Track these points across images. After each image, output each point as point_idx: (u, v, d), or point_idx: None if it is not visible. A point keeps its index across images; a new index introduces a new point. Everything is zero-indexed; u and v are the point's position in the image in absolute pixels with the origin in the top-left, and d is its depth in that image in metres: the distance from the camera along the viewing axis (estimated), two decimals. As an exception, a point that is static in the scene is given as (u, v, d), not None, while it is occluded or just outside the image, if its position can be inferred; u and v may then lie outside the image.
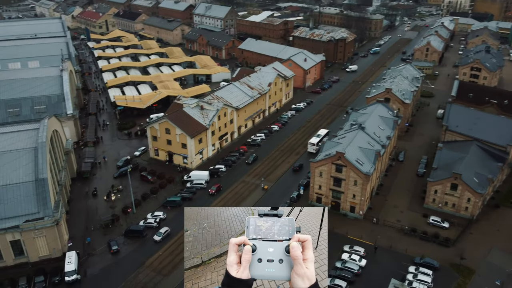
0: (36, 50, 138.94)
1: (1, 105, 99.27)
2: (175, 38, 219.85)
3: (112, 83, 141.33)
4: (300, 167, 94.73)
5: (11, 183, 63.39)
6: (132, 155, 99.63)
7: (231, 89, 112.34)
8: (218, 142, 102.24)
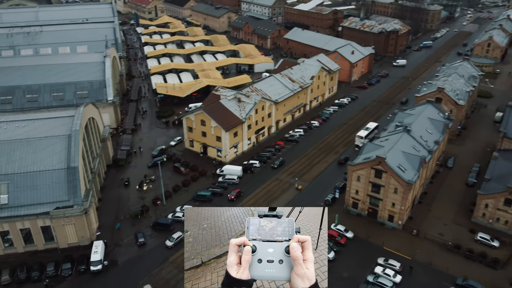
0: (85, 35, 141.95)
1: (46, 89, 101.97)
2: (221, 25, 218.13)
3: (155, 70, 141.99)
4: (346, 160, 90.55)
5: (45, 170, 64.20)
6: (167, 145, 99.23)
7: (271, 82, 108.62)
8: (254, 136, 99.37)
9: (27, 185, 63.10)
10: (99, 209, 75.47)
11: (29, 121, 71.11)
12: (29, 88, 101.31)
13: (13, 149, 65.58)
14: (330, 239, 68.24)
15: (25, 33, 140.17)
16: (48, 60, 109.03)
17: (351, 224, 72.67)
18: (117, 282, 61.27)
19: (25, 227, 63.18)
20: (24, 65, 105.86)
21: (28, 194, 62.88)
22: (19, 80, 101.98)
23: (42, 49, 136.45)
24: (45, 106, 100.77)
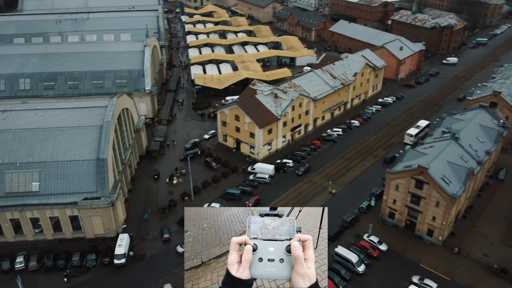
0: (130, 22, 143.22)
1: (87, 76, 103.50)
2: (266, 15, 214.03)
3: (195, 60, 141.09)
4: (392, 159, 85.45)
5: (75, 160, 64.45)
6: (201, 138, 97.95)
7: (311, 77, 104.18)
8: (290, 134, 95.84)
9: (57, 174, 63.66)
10: (128, 201, 75.50)
11: (64, 110, 71.76)
12: (71, 75, 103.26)
13: (47, 137, 66.33)
14: (361, 251, 64.11)
15: (73, 19, 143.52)
16: (90, 48, 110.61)
17: (386, 235, 67.96)
18: (139, 278, 60.71)
19: (54, 215, 63.97)
20: (68, 52, 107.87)
21: (58, 183, 63.43)
22: (63, 67, 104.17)
23: (88, 35, 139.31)
24: (85, 94, 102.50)
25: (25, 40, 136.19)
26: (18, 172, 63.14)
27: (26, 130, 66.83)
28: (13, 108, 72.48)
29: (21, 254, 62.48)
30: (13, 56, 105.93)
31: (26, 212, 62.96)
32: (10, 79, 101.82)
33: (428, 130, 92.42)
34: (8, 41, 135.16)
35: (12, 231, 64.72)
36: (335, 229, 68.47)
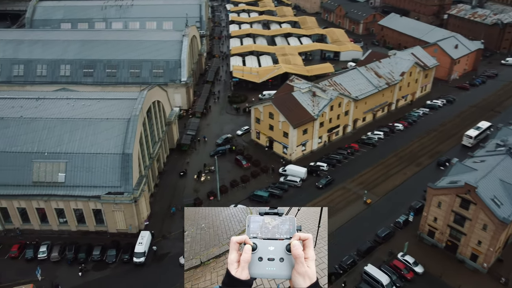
0: (172, 10, 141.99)
1: (125, 65, 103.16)
2: (313, 6, 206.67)
3: (235, 50, 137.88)
4: (447, 161, 79.74)
5: (101, 153, 63.41)
6: (234, 134, 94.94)
7: (354, 75, 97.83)
8: (326, 135, 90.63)
9: (83, 166, 62.95)
10: (154, 196, 74.14)
11: (94, 101, 70.92)
12: (109, 63, 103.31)
13: (75, 128, 65.73)
14: (394, 272, 58.75)
15: (117, 6, 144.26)
16: (130, 36, 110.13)
17: (423, 256, 62.01)
18: (157, 279, 59.06)
19: (78, 207, 63.53)
20: (108, 40, 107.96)
21: (83, 175, 62.75)
22: (102, 54, 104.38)
23: (131, 22, 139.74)
24: (122, 82, 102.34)
25: (71, 25, 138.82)
26: (45, 162, 63.04)
27: (56, 120, 66.58)
28: (47, 96, 72.59)
29: (45, 244, 62.67)
30: (56, 42, 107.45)
31: (51, 202, 62.92)
32: (52, 64, 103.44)
33: (490, 132, 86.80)
34: (55, 26, 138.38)
35: (38, 219, 65.11)
36: (367, 244, 63.38)
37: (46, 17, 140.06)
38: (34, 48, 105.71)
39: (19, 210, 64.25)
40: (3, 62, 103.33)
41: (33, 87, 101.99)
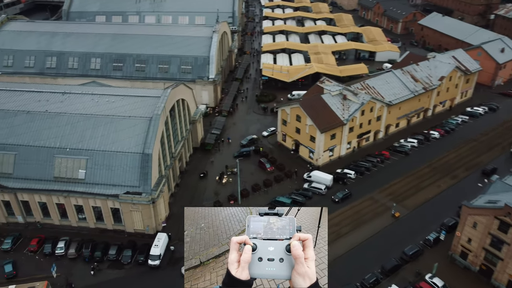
0: (205, 5, 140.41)
1: (154, 60, 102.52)
2: (350, 3, 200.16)
3: (267, 47, 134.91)
4: (493, 171, 74.78)
5: (122, 151, 62.49)
6: (260, 135, 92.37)
7: (388, 78, 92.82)
8: (356, 140, 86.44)
9: (103, 164, 62.28)
10: (174, 196, 72.93)
11: (118, 97, 70.12)
12: (138, 57, 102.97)
13: (98, 124, 65.15)
14: (420, 295, 54.70)
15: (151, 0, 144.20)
16: (160, 31, 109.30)
17: (454, 279, 57.50)
18: (172, 282, 57.64)
19: (96, 205, 63.03)
20: (138, 34, 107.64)
21: (103, 174, 62.11)
22: (132, 49, 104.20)
23: (164, 16, 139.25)
24: (150, 77, 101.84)
25: (106, 18, 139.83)
26: (67, 158, 62.85)
27: (79, 115, 66.25)
28: (73, 91, 72.49)
29: (63, 240, 62.63)
30: (88, 35, 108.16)
31: (70, 198, 62.71)
32: (83, 57, 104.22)
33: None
34: (90, 18, 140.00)
35: (58, 214, 65.21)
36: (392, 261, 59.42)
37: (82, 9, 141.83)
38: (67, 40, 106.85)
39: (40, 204, 64.52)
40: (37, 54, 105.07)
41: (64, 79, 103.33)
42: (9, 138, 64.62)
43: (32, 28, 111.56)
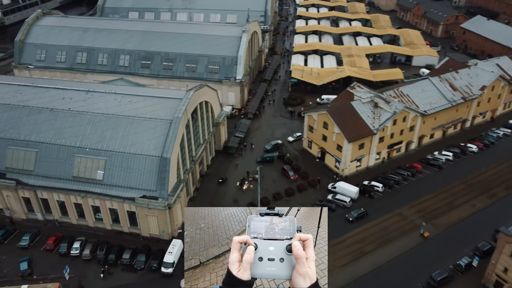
0: (237, 3, 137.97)
1: (181, 59, 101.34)
2: (388, 3, 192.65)
3: (298, 48, 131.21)
4: None
5: (141, 154, 61.21)
6: (285, 140, 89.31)
7: (424, 86, 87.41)
8: (386, 151, 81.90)
9: (121, 165, 61.25)
10: (192, 200, 71.28)
11: (141, 98, 68.93)
12: (166, 56, 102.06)
13: (118, 125, 64.18)
14: (447, 326, 50.45)
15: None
16: (190, 29, 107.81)
17: (486, 311, 52.78)
18: (183, 293, 55.98)
19: (113, 207, 62.19)
20: (167, 32, 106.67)
21: (121, 176, 61.10)
22: (160, 46, 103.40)
23: (196, 14, 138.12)
24: (178, 76, 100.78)
25: (139, 14, 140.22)
26: (86, 158, 62.25)
27: (101, 115, 65.50)
28: (96, 89, 71.98)
29: (79, 240, 62.21)
30: (119, 31, 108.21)
31: (88, 199, 62.13)
32: (113, 54, 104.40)
33: None
34: (124, 14, 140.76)
35: (75, 214, 64.88)
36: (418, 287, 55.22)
37: (116, 5, 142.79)
38: (98, 36, 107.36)
39: (59, 203, 64.37)
40: (68, 49, 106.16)
41: (93, 75, 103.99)
42: (32, 135, 64.76)
43: (66, 23, 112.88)
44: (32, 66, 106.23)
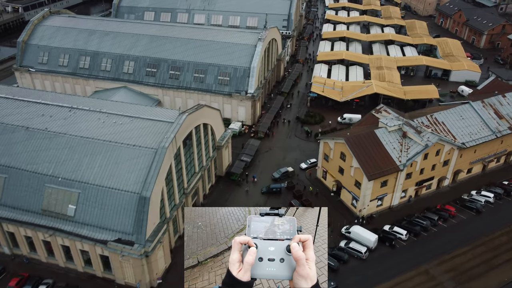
0: (259, 5, 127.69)
1: (190, 67, 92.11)
2: (427, 8, 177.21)
3: (322, 57, 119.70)
4: None
5: (118, 188, 52.20)
6: (297, 166, 78.50)
7: (464, 113, 74.48)
8: (414, 188, 69.89)
9: (97, 201, 52.48)
10: (182, 238, 61.82)
11: (128, 119, 59.87)
12: (174, 63, 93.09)
13: (98, 151, 55.42)
14: None
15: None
16: (202, 34, 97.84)
17: None
18: None
19: (84, 249, 53.50)
20: (177, 37, 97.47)
21: (94, 213, 52.35)
22: (168, 53, 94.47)
23: (214, 16, 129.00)
24: (184, 87, 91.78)
25: (155, 14, 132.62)
26: (58, 189, 53.85)
27: (80, 138, 56.92)
28: (80, 106, 63.44)
29: (45, 284, 54.05)
30: (126, 35, 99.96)
31: (57, 237, 53.70)
32: (117, 60, 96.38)
33: None
34: (140, 14, 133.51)
35: (44, 252, 56.76)
36: None
37: (132, 4, 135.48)
38: (103, 40, 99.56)
39: (26, 238, 56.34)
40: (72, 52, 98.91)
41: (95, 82, 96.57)
42: (2, 157, 57.00)
43: (73, 24, 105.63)
44: (33, 69, 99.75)
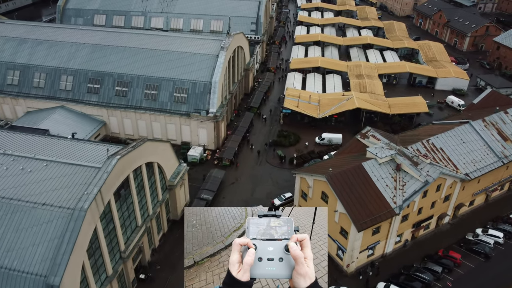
0: (225, 7, 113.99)
1: (139, 83, 77.31)
2: (404, 8, 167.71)
3: (296, 64, 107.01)
4: None
5: (17, 269, 37.25)
6: (269, 203, 65.16)
7: (465, 135, 62.87)
8: (410, 231, 57.72)
9: (-12, 287, 37.37)
10: (121, 316, 47.30)
11: (42, 163, 44.76)
12: (120, 78, 78.05)
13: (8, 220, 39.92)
14: None
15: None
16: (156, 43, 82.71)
17: None
18: None
19: None
20: (126, 46, 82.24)
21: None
22: (114, 65, 79.33)
23: (174, 19, 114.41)
24: (133, 106, 76.99)
25: (106, 18, 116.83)
26: None
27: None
28: None
29: None
30: (64, 44, 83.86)
31: None
32: (52, 74, 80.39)
33: None
34: (89, 18, 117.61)
35: None
36: None
37: (80, 6, 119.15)
38: (36, 50, 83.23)
39: None
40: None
41: (27, 101, 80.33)
42: None
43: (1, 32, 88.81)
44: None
